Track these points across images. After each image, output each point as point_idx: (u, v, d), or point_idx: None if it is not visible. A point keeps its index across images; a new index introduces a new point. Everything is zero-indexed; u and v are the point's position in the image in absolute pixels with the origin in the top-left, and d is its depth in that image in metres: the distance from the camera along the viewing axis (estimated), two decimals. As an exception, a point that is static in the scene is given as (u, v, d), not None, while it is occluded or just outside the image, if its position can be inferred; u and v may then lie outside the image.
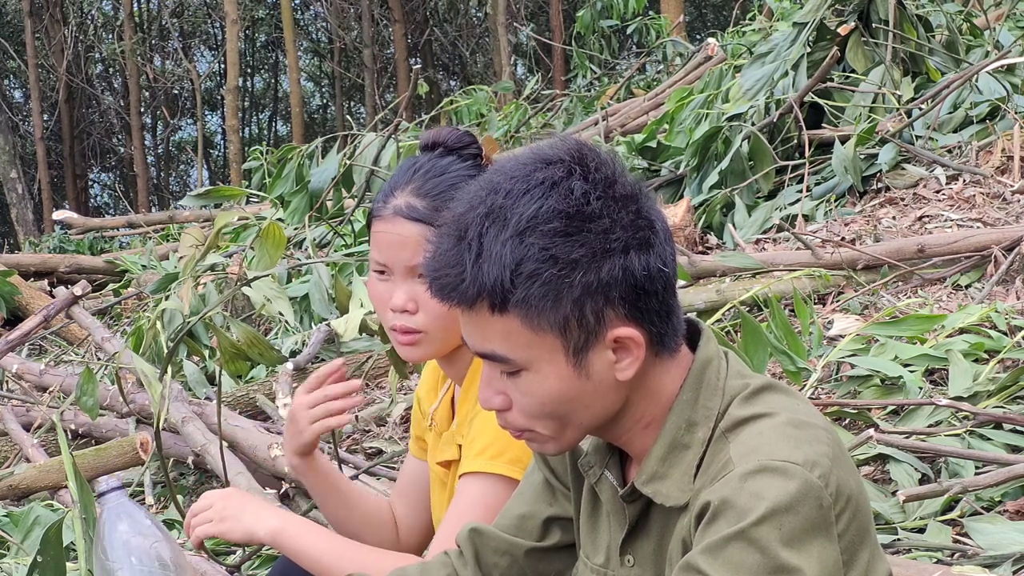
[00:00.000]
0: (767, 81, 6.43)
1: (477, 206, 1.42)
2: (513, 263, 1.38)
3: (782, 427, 1.41)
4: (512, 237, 1.38)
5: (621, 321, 1.42)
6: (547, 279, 1.39)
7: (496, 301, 1.40)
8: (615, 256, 1.40)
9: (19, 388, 5.31)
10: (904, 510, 3.05)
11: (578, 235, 1.39)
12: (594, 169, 1.42)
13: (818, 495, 1.35)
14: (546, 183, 1.41)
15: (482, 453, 1.95)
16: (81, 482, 2.24)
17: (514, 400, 1.47)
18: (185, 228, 8.62)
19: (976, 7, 7.84)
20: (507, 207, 1.40)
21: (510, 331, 1.42)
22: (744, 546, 1.33)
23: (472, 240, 1.40)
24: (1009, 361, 3.73)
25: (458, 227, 1.42)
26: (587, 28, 12.42)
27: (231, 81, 15.44)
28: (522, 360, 1.43)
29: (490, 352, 1.44)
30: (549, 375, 1.43)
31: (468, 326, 1.45)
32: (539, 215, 1.39)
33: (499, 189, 1.42)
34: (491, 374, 1.48)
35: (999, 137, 5.59)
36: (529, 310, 1.40)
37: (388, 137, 6.77)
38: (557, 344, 1.42)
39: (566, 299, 1.40)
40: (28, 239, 13.52)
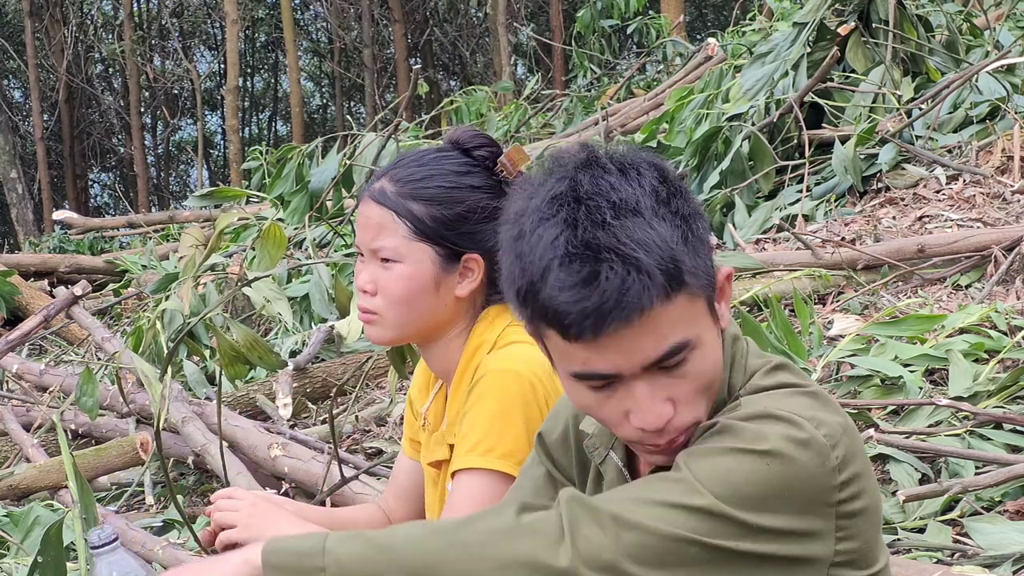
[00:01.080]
0: (767, 81, 6.43)
1: (594, 221, 1.34)
2: (671, 236, 1.35)
3: (797, 394, 1.41)
4: (653, 217, 1.35)
5: (709, 263, 1.42)
6: (694, 237, 1.38)
7: (674, 282, 1.35)
8: (694, 198, 1.42)
9: (19, 388, 5.31)
10: (904, 510, 3.05)
11: (679, 190, 1.39)
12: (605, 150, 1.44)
13: (822, 452, 1.34)
14: (625, 164, 1.40)
15: (474, 449, 1.95)
16: (81, 482, 2.24)
17: (679, 397, 1.41)
18: (185, 228, 8.62)
19: (976, 7, 7.84)
20: (624, 199, 1.35)
21: (682, 312, 1.36)
22: (733, 458, 1.33)
23: (625, 243, 1.33)
24: (1009, 361, 3.73)
25: (599, 248, 1.33)
26: (587, 28, 12.42)
27: (231, 81, 15.45)
28: (694, 337, 1.38)
29: (669, 348, 1.37)
30: (710, 342, 1.41)
31: (641, 337, 1.35)
32: (654, 188, 1.37)
33: (597, 193, 1.36)
34: (652, 386, 1.39)
35: (999, 137, 5.59)
36: (694, 276, 1.37)
37: (388, 137, 6.77)
38: (704, 305, 1.39)
39: (706, 251, 1.40)
40: (28, 239, 13.52)
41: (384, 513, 2.28)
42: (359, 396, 4.85)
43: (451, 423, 2.07)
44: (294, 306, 5.53)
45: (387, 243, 2.01)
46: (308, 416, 4.84)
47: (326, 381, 4.84)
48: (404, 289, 2.01)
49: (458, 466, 1.97)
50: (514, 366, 1.98)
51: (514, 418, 1.94)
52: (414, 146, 6.96)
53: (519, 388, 1.96)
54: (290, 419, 4.63)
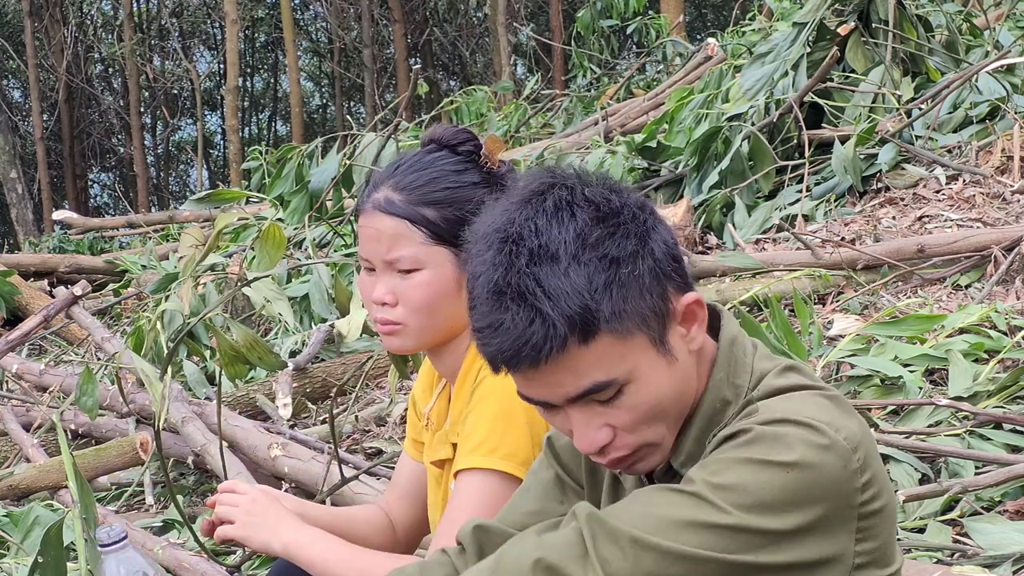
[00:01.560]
0: (767, 81, 6.43)
1: (511, 265, 1.38)
2: (587, 283, 1.37)
3: (815, 397, 1.42)
4: (570, 263, 1.37)
5: (679, 292, 1.44)
6: (621, 280, 1.38)
7: (588, 329, 1.37)
8: (652, 233, 1.42)
9: (19, 388, 5.31)
10: (904, 510, 3.05)
11: (619, 230, 1.40)
12: (577, 177, 1.44)
13: (844, 456, 1.35)
14: (561, 203, 1.40)
15: (477, 449, 1.95)
16: (81, 482, 2.24)
17: (618, 424, 1.44)
18: (185, 228, 8.61)
19: (976, 7, 7.84)
20: (545, 243, 1.38)
21: (603, 353, 1.39)
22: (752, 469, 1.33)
23: (533, 291, 1.37)
24: (1009, 361, 3.73)
25: (508, 294, 1.38)
26: (587, 28, 12.42)
27: (231, 81, 15.45)
28: (623, 375, 1.41)
29: (589, 386, 1.40)
30: (650, 376, 1.42)
31: (557, 375, 1.39)
32: (580, 232, 1.38)
33: (520, 237, 1.39)
34: (586, 414, 1.43)
35: (999, 137, 5.59)
36: (617, 320, 1.38)
37: (388, 137, 6.77)
38: (645, 341, 1.41)
39: (641, 292, 1.40)
40: (28, 239, 13.52)
41: (385, 514, 2.28)
42: (359, 396, 4.85)
43: (454, 422, 2.06)
44: (294, 306, 5.53)
45: (405, 252, 1.99)
46: (308, 416, 4.84)
47: (326, 381, 4.84)
48: (428, 295, 2.00)
49: (461, 466, 1.96)
50: None
51: (517, 419, 1.94)
52: (414, 146, 6.91)
53: None
54: (290, 419, 4.63)
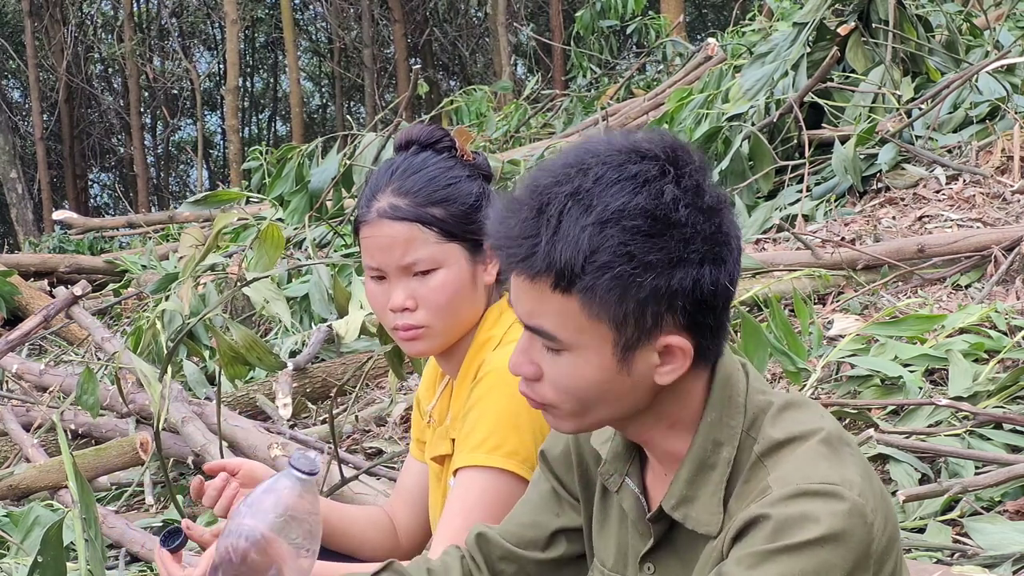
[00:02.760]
0: (767, 81, 6.43)
1: (563, 183, 1.39)
2: (589, 250, 1.36)
3: (816, 447, 1.41)
4: (594, 224, 1.37)
5: (676, 329, 1.41)
6: (619, 274, 1.37)
7: (562, 282, 1.38)
8: (689, 267, 1.39)
9: (19, 388, 5.31)
10: (904, 510, 3.05)
11: (659, 238, 1.38)
12: (687, 175, 1.41)
13: (863, 512, 1.35)
14: (638, 178, 1.39)
15: (479, 447, 1.95)
16: (81, 482, 2.24)
17: (547, 374, 1.45)
18: (185, 228, 8.61)
19: (976, 7, 7.84)
20: (594, 193, 1.37)
21: (567, 312, 1.40)
22: (789, 559, 1.33)
23: (552, 216, 1.38)
24: (1009, 361, 3.73)
25: (539, 199, 1.39)
26: (587, 28, 12.42)
27: (231, 81, 15.44)
28: (569, 342, 1.42)
29: (538, 326, 1.42)
30: (591, 362, 1.42)
31: (523, 295, 1.42)
32: (625, 210, 1.37)
33: (589, 171, 1.39)
34: (530, 344, 1.46)
35: (999, 137, 5.59)
36: (592, 298, 1.38)
37: (388, 137, 6.77)
38: (609, 336, 1.41)
39: (631, 297, 1.38)
40: (28, 239, 13.51)
41: (388, 516, 2.28)
42: (359, 396, 4.85)
43: (455, 418, 2.06)
44: (294, 306, 5.53)
45: (421, 254, 2.00)
46: (308, 416, 4.84)
47: (326, 381, 4.84)
48: (450, 293, 2.02)
49: (462, 463, 1.96)
50: None
51: (519, 417, 1.94)
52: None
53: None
54: (290, 419, 4.62)
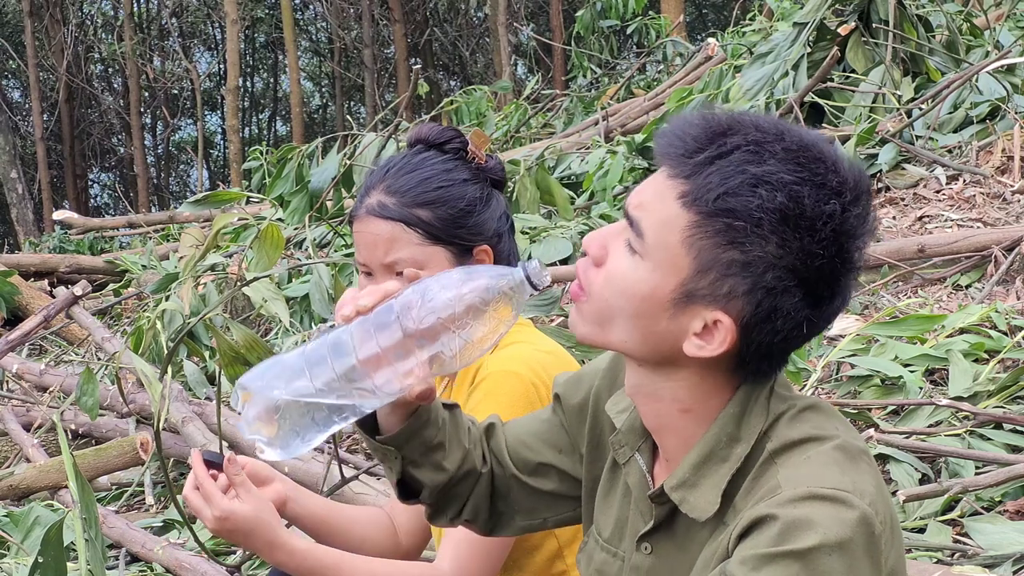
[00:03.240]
0: (767, 81, 6.44)
1: (758, 130, 1.37)
2: (732, 190, 1.34)
3: (830, 452, 1.39)
4: (754, 175, 1.35)
5: (734, 317, 1.38)
6: (737, 227, 1.35)
7: (691, 199, 1.36)
8: (788, 278, 1.36)
9: (19, 388, 5.31)
10: (904, 510, 3.05)
11: (790, 232, 1.35)
12: (855, 213, 1.38)
13: (871, 523, 1.34)
14: (818, 177, 1.36)
15: None
16: (81, 482, 2.24)
17: (608, 265, 1.43)
18: (185, 228, 8.61)
19: (976, 7, 7.84)
20: (776, 156, 1.35)
21: (672, 224, 1.38)
22: (791, 565, 1.31)
23: (727, 144, 1.36)
24: (1009, 361, 3.73)
25: (729, 125, 1.38)
26: (587, 28, 12.42)
27: (231, 81, 15.44)
28: (651, 249, 1.39)
29: (639, 219, 1.40)
30: (652, 280, 1.40)
31: (651, 187, 1.41)
32: (788, 187, 1.34)
33: (783, 140, 1.37)
34: (617, 233, 1.44)
35: (999, 137, 5.59)
36: (700, 230, 1.36)
37: (388, 137, 6.77)
38: (684, 272, 1.38)
39: (727, 255, 1.36)
40: (28, 239, 13.52)
41: (389, 517, 2.28)
42: (359, 396, 4.84)
43: (454, 420, 2.06)
44: (294, 306, 5.53)
45: (402, 255, 2.01)
46: (308, 416, 4.83)
47: (326, 381, 4.83)
48: None
49: None
50: (515, 367, 1.98)
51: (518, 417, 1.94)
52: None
53: (522, 390, 1.96)
54: (290, 419, 4.62)
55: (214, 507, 1.81)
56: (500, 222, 2.07)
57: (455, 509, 1.69)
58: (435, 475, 1.64)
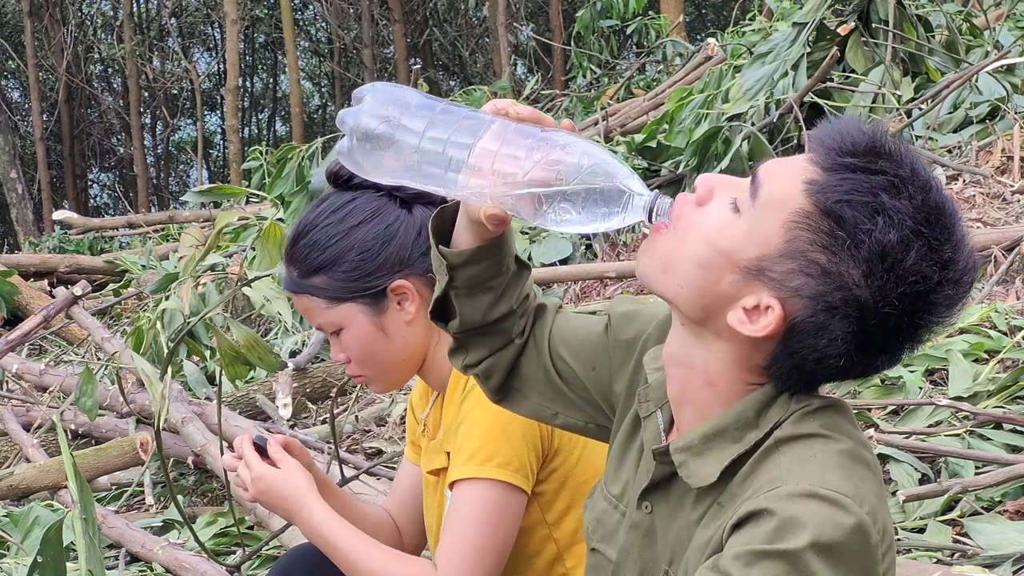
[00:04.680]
0: (767, 81, 6.44)
1: (905, 169, 1.37)
2: (851, 201, 1.35)
3: (836, 454, 1.39)
4: (879, 203, 1.35)
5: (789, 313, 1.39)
6: (838, 238, 1.36)
7: (815, 188, 1.37)
8: (855, 317, 1.37)
9: (19, 388, 5.31)
10: (904, 510, 3.05)
11: (883, 272, 1.35)
12: (953, 292, 1.38)
13: (867, 531, 1.34)
14: (934, 246, 1.36)
15: (472, 458, 1.95)
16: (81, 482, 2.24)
17: (706, 208, 1.44)
18: (185, 228, 8.62)
19: (976, 7, 7.85)
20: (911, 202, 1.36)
21: (786, 201, 1.39)
22: (782, 564, 1.31)
23: (875, 163, 1.36)
24: (1009, 361, 3.73)
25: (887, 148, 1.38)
26: (587, 28, 12.42)
27: (231, 81, 15.44)
28: (753, 210, 1.41)
29: (760, 179, 1.43)
30: (735, 239, 1.41)
31: (790, 161, 1.43)
32: (902, 233, 1.35)
33: (930, 194, 1.37)
34: (732, 185, 1.46)
35: (999, 137, 5.59)
36: (805, 222, 1.37)
37: (388, 137, 6.76)
38: (769, 249, 1.39)
39: (815, 255, 1.37)
40: (28, 239, 13.52)
41: (390, 517, 2.29)
42: (359, 396, 4.85)
43: (447, 431, 2.06)
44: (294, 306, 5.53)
45: (320, 321, 2.06)
46: (308, 416, 4.84)
47: (326, 381, 4.84)
48: (361, 348, 2.06)
49: (457, 476, 1.96)
50: None
51: (510, 427, 1.94)
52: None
53: None
54: (290, 419, 4.63)
55: (252, 471, 2.04)
56: (420, 241, 2.03)
57: (474, 357, 1.69)
58: (471, 313, 1.64)
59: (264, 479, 2.02)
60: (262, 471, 2.03)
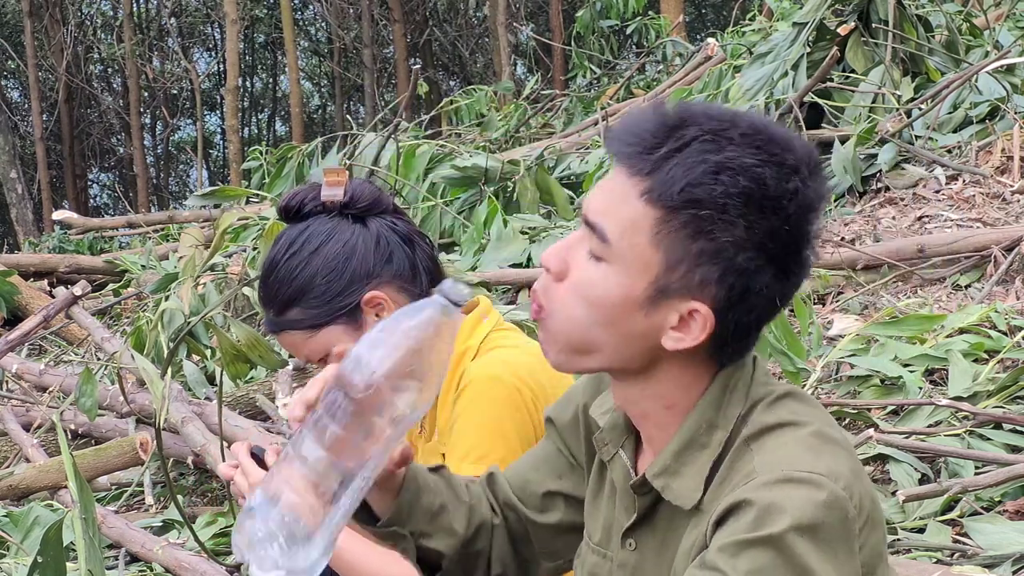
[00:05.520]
0: (767, 81, 6.44)
1: (712, 119, 1.38)
2: (696, 180, 1.35)
3: (805, 438, 1.40)
4: (715, 163, 1.35)
5: (708, 303, 1.39)
6: (704, 216, 1.36)
7: (654, 193, 1.37)
8: (759, 257, 1.38)
9: (19, 388, 5.31)
10: (904, 510, 3.05)
11: (756, 214, 1.36)
12: (813, 187, 1.40)
13: (844, 506, 1.35)
14: (775, 157, 1.37)
15: (466, 457, 1.95)
16: (81, 482, 2.24)
17: (572, 276, 1.43)
18: (185, 228, 8.62)
19: (976, 7, 7.85)
20: (734, 142, 1.37)
21: (637, 223, 1.38)
22: (767, 550, 1.32)
23: (685, 135, 1.36)
24: (1009, 361, 3.73)
25: (682, 116, 1.39)
26: (587, 28, 12.42)
27: (231, 81, 15.44)
28: (618, 253, 1.39)
29: (600, 224, 1.40)
30: (622, 283, 1.40)
31: (607, 190, 1.41)
32: (749, 170, 1.36)
33: (739, 125, 1.38)
34: (575, 244, 1.43)
35: (999, 137, 5.59)
36: (667, 224, 1.37)
37: (388, 137, 6.78)
38: (654, 269, 1.39)
39: (697, 245, 1.37)
40: (28, 239, 13.51)
41: None
42: (359, 396, 4.84)
43: (442, 431, 2.07)
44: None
45: (305, 352, 2.07)
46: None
47: (326, 381, 4.83)
48: None
49: None
50: (496, 371, 1.99)
51: (503, 424, 1.94)
52: (414, 147, 6.96)
53: (506, 393, 1.97)
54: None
55: (250, 478, 1.95)
56: (380, 250, 2.03)
57: (482, 569, 1.68)
58: (449, 539, 1.63)
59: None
60: (259, 480, 2.02)
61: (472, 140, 9.72)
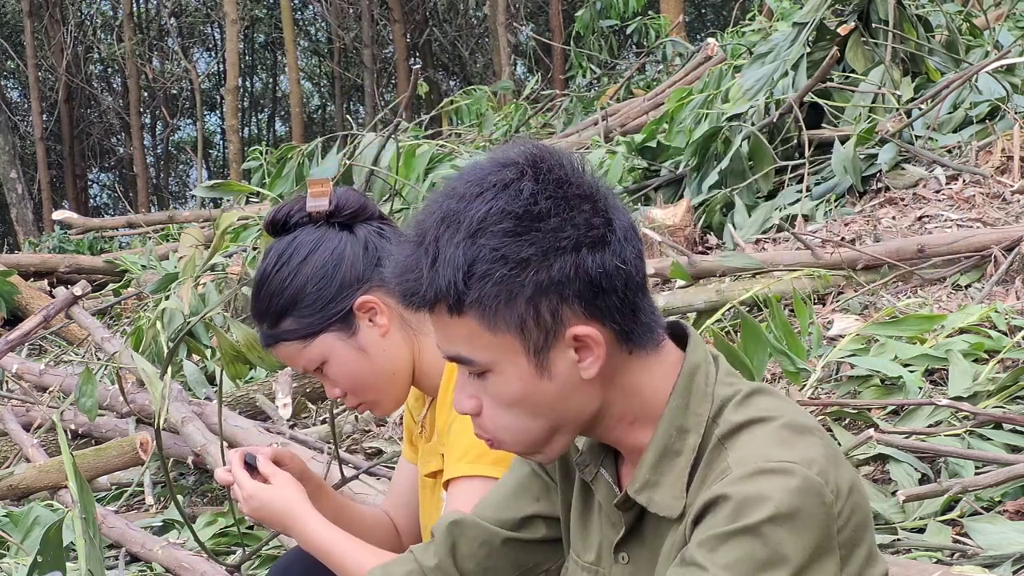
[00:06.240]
0: (767, 81, 6.43)
1: (434, 212, 1.44)
2: (465, 264, 1.40)
3: (777, 431, 1.42)
4: (464, 239, 1.40)
5: (579, 319, 1.43)
6: (499, 278, 1.40)
7: (452, 303, 1.42)
8: (566, 254, 1.41)
9: (19, 388, 5.31)
10: (904, 510, 3.05)
11: (527, 234, 1.40)
12: (546, 170, 1.43)
13: (819, 491, 1.37)
14: (497, 185, 1.42)
15: (463, 457, 1.96)
16: (81, 482, 2.24)
17: (484, 404, 1.49)
18: (185, 228, 8.62)
19: (976, 7, 7.85)
20: (460, 210, 1.42)
21: (471, 332, 1.43)
22: (744, 541, 1.34)
23: (429, 244, 1.42)
24: (1009, 361, 3.73)
25: (417, 233, 1.45)
26: (587, 28, 12.42)
27: (231, 81, 15.44)
28: (485, 361, 1.45)
29: (455, 354, 1.46)
30: (512, 376, 1.45)
31: (435, 329, 1.48)
32: (488, 216, 1.40)
33: (455, 194, 1.43)
34: (463, 378, 1.50)
35: (999, 137, 5.59)
36: (484, 310, 1.41)
37: (388, 137, 6.77)
38: (517, 344, 1.43)
39: (519, 298, 1.41)
40: (28, 239, 13.52)
41: (389, 517, 2.29)
42: (359, 396, 4.84)
43: (441, 433, 2.08)
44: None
45: (303, 362, 2.08)
46: (308, 416, 4.84)
47: (326, 381, 4.83)
48: (348, 374, 2.07)
49: (450, 475, 1.98)
50: None
51: None
52: (414, 147, 6.96)
53: None
54: (290, 419, 4.63)
55: (244, 490, 2.02)
56: (369, 255, 2.05)
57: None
58: None
59: (256, 497, 2.00)
60: (252, 490, 2.01)
61: (472, 140, 9.73)
